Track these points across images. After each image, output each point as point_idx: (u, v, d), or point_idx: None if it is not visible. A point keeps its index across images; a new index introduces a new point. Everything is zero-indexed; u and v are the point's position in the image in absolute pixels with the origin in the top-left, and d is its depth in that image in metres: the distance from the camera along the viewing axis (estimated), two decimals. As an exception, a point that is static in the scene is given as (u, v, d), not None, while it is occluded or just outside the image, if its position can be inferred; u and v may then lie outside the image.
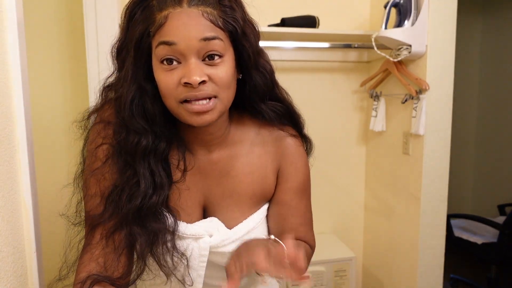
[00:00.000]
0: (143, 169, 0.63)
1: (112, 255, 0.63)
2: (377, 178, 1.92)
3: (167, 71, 0.59)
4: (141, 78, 0.62)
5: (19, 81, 0.71)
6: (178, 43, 0.57)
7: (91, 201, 0.65)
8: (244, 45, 0.63)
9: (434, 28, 1.48)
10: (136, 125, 0.62)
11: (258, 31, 0.67)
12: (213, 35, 0.58)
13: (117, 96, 0.64)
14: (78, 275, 0.62)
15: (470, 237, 2.32)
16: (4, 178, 0.66)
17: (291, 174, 0.76)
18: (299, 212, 0.77)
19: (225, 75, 0.60)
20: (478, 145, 3.34)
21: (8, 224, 0.67)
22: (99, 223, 0.63)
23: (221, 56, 0.60)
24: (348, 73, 1.93)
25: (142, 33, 0.59)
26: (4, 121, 0.67)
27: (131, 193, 0.62)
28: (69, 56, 1.63)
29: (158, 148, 0.64)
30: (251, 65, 0.66)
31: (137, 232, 0.63)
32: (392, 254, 1.79)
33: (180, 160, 0.70)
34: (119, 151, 0.64)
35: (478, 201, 3.35)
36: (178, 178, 0.69)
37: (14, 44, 0.70)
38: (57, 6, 1.60)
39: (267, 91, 0.70)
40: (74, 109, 1.66)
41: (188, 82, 0.57)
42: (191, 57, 0.58)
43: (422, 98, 1.50)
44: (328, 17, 1.80)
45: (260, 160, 0.75)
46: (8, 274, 0.66)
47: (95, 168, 0.65)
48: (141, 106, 0.63)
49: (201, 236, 0.71)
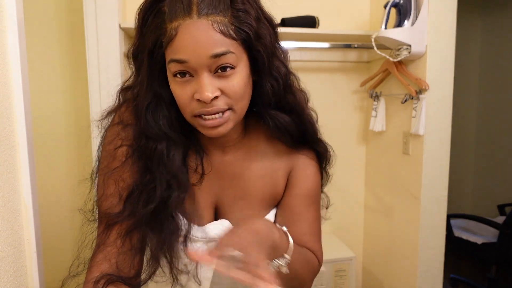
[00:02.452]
0: (160, 174, 0.63)
1: (126, 255, 0.63)
2: (377, 178, 1.92)
3: (181, 83, 0.59)
4: (157, 85, 0.63)
5: (19, 81, 0.71)
6: (188, 61, 0.56)
7: (109, 200, 0.65)
8: (259, 49, 0.61)
9: (434, 28, 1.48)
10: (152, 131, 0.63)
11: (274, 28, 0.65)
12: (223, 51, 0.56)
13: (135, 102, 0.65)
14: (90, 274, 0.62)
15: (470, 237, 2.32)
16: (4, 178, 0.66)
17: (300, 180, 0.75)
18: (306, 220, 0.75)
19: (237, 87, 0.59)
20: (478, 145, 3.33)
21: (8, 224, 0.67)
22: (116, 222, 0.63)
23: (233, 68, 0.59)
24: (348, 73, 1.93)
25: (154, 43, 0.59)
26: (4, 121, 0.67)
27: (148, 197, 0.63)
28: (69, 56, 1.63)
29: (175, 153, 0.64)
30: (265, 69, 0.63)
31: (150, 234, 0.64)
32: (392, 254, 1.79)
33: (198, 164, 0.70)
34: (140, 155, 0.65)
35: (478, 201, 3.35)
36: (195, 181, 0.70)
37: (14, 44, 0.70)
38: (57, 6, 1.60)
39: (276, 98, 0.66)
40: (74, 109, 1.66)
41: (200, 99, 0.57)
42: (202, 72, 0.57)
43: (422, 98, 1.50)
44: (328, 17, 1.80)
45: (273, 164, 0.74)
46: (8, 274, 0.66)
47: (113, 168, 0.65)
48: (158, 112, 0.63)
49: (211, 240, 0.70)
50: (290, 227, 0.73)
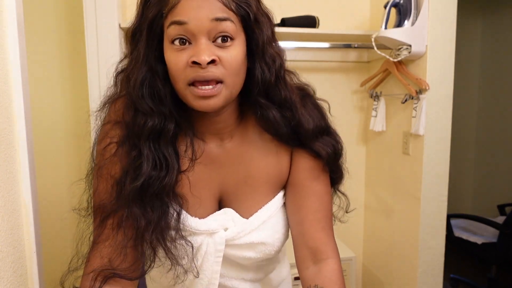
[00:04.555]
0: (147, 150, 0.62)
1: (121, 248, 0.62)
2: (377, 178, 1.92)
3: (178, 51, 0.59)
4: (153, 59, 0.62)
5: (19, 81, 0.71)
6: (189, 23, 0.57)
7: (100, 195, 0.65)
8: (255, 31, 0.62)
9: (434, 28, 1.48)
10: (144, 106, 0.62)
11: (271, 24, 0.66)
12: (224, 16, 0.58)
13: (128, 77, 0.64)
14: (87, 268, 0.62)
15: (470, 237, 2.32)
16: (4, 178, 0.66)
17: (304, 155, 0.72)
18: (315, 194, 0.72)
19: (234, 58, 0.59)
20: (478, 145, 3.34)
21: (8, 224, 0.67)
22: (108, 214, 0.63)
23: (232, 39, 0.59)
24: (348, 73, 1.93)
25: (155, 15, 0.59)
26: (4, 121, 0.67)
27: (135, 175, 0.62)
28: (69, 56, 1.63)
29: (165, 130, 0.63)
30: (258, 52, 0.63)
31: (140, 214, 0.62)
32: (392, 254, 1.79)
33: (188, 147, 0.68)
34: (126, 134, 0.64)
35: (478, 201, 3.35)
36: (186, 167, 0.67)
37: (14, 44, 0.70)
38: (57, 6, 1.60)
39: (265, 86, 0.65)
40: (74, 108, 1.66)
41: (196, 61, 0.57)
42: (201, 37, 0.57)
43: (422, 98, 1.50)
44: (328, 17, 1.81)
45: (274, 142, 0.72)
46: (8, 274, 0.66)
47: (103, 165, 0.65)
48: (151, 87, 0.62)
49: (215, 231, 0.70)
50: (301, 203, 0.72)
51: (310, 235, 0.71)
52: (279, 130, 0.69)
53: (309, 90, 0.76)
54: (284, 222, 0.75)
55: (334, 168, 0.74)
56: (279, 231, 0.74)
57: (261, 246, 0.72)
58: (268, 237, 0.72)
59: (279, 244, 0.74)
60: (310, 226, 0.71)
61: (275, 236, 0.73)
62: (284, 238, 0.76)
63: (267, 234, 0.72)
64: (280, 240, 0.74)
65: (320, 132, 0.72)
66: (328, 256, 0.70)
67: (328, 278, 0.67)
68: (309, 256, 0.71)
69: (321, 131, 0.72)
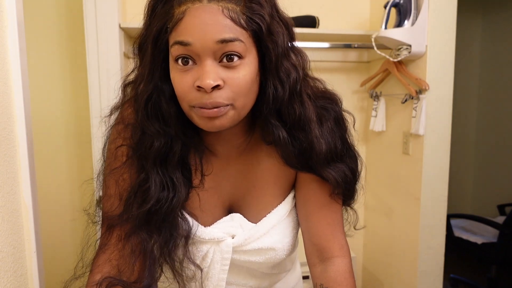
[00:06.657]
0: (155, 174, 0.60)
1: (128, 259, 0.61)
2: (377, 178, 1.92)
3: (182, 71, 0.55)
4: (158, 77, 0.58)
5: (19, 81, 0.71)
6: (193, 44, 0.52)
7: (109, 202, 0.64)
8: (268, 46, 0.56)
9: (434, 28, 1.48)
10: (150, 127, 0.59)
11: (290, 30, 0.60)
12: (231, 37, 0.52)
13: (135, 95, 0.62)
14: (92, 276, 0.61)
15: (470, 237, 2.32)
16: (4, 178, 0.66)
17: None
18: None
19: (243, 80, 0.54)
20: (478, 145, 3.33)
21: (8, 224, 0.67)
22: (116, 224, 0.62)
23: (241, 58, 0.54)
24: (348, 73, 1.93)
25: (160, 29, 0.55)
26: (4, 121, 0.67)
27: (143, 198, 0.60)
28: (69, 56, 1.63)
29: (172, 152, 0.61)
30: (271, 69, 0.58)
31: (147, 238, 0.61)
32: (392, 254, 1.79)
33: (197, 164, 0.66)
34: (135, 154, 0.62)
35: (478, 201, 3.35)
36: (197, 183, 0.66)
37: (14, 44, 0.70)
38: (57, 6, 1.60)
39: (277, 105, 0.60)
40: (74, 109, 1.66)
41: (200, 86, 0.53)
42: (206, 58, 0.53)
43: (422, 98, 1.50)
44: (328, 17, 1.81)
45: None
46: (8, 274, 0.66)
47: (114, 168, 0.64)
48: (157, 107, 0.59)
49: (222, 239, 0.68)
50: (308, 197, 0.69)
51: (314, 231, 0.69)
52: (285, 152, 0.64)
53: (336, 99, 0.70)
54: (295, 224, 0.73)
55: (345, 192, 0.69)
56: (289, 235, 0.71)
57: (271, 252, 0.69)
58: (278, 242, 0.69)
59: (289, 248, 0.71)
60: (315, 222, 0.68)
61: (285, 240, 0.70)
62: (294, 242, 0.73)
63: (277, 239, 0.69)
64: (290, 244, 0.71)
65: (333, 157, 0.66)
66: (334, 255, 0.67)
67: (333, 279, 0.65)
68: (315, 253, 0.69)
69: (334, 156, 0.66)
